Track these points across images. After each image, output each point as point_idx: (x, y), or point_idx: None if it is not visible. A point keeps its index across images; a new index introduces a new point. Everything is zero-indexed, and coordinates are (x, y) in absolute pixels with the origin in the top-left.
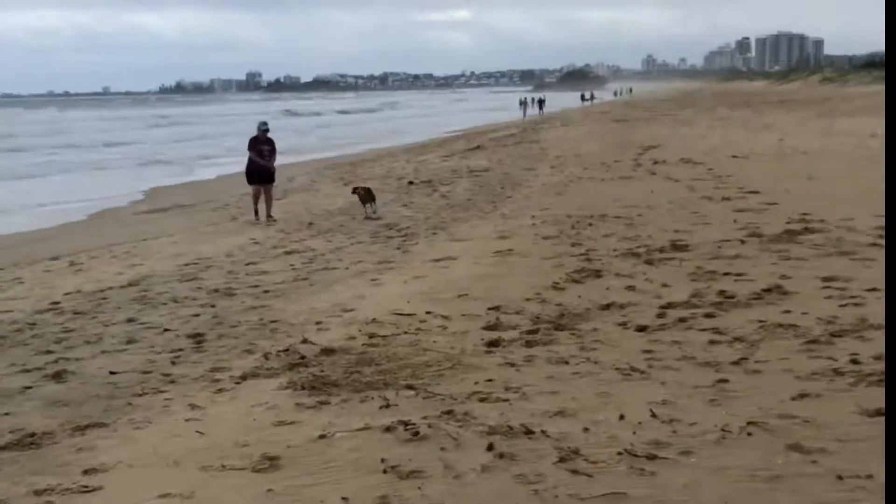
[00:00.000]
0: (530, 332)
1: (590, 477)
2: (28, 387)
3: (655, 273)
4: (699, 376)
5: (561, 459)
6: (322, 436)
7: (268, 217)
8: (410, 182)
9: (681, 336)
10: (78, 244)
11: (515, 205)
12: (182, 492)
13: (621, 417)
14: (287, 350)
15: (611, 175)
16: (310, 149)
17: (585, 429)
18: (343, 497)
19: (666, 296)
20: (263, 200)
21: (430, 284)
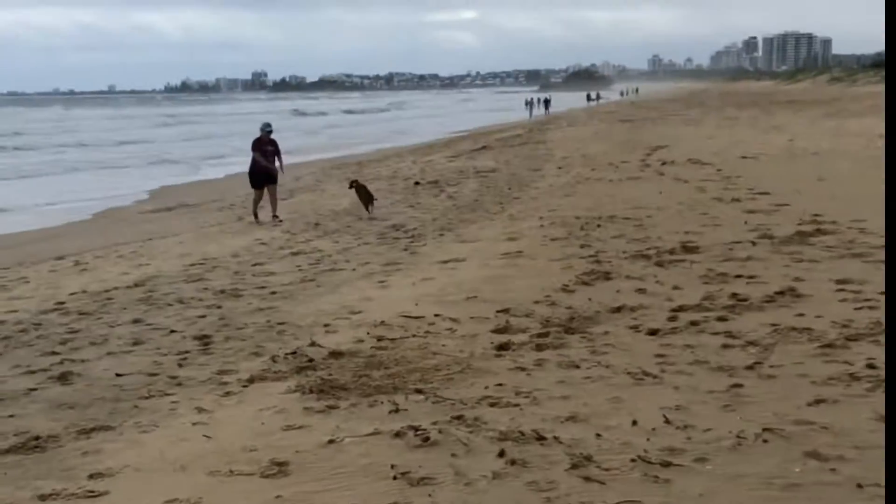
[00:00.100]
0: (540, 336)
1: (603, 484)
2: (33, 388)
3: (666, 275)
4: (713, 381)
5: (573, 466)
6: (331, 441)
7: (273, 217)
8: (417, 183)
9: (693, 340)
10: (83, 243)
11: (523, 206)
12: (189, 497)
13: (634, 423)
14: (295, 353)
15: (619, 176)
16: (316, 148)
17: (598, 435)
18: None
19: (677, 298)
20: (264, 204)
21: (439, 286)
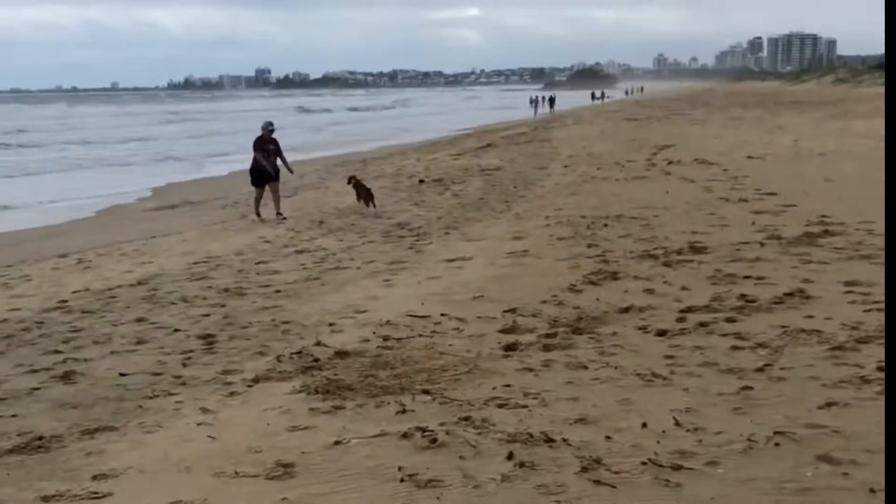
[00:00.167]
0: (548, 336)
1: (613, 488)
2: (36, 388)
3: (674, 276)
4: (722, 383)
5: (583, 469)
6: (337, 442)
7: (277, 214)
8: (422, 181)
9: (702, 341)
10: (86, 241)
11: (529, 204)
12: (194, 499)
13: (644, 425)
14: (300, 352)
15: (625, 175)
16: (320, 146)
17: (608, 437)
18: None
19: (686, 299)
20: (267, 202)
21: (445, 285)
